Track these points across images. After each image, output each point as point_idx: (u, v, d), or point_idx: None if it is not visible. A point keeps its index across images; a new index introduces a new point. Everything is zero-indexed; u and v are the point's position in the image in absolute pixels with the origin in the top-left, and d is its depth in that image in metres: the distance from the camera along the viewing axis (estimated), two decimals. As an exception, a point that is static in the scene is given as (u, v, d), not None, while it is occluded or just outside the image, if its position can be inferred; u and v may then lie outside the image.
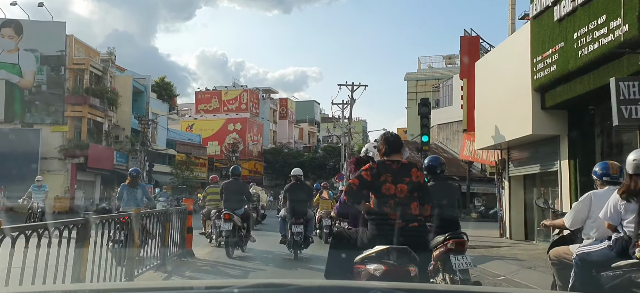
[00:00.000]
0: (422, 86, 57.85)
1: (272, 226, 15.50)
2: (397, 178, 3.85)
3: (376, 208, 3.85)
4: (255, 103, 60.75)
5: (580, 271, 4.21)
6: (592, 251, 4.18)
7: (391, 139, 4.13)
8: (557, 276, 4.70)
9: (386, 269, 3.54)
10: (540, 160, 11.83)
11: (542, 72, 9.92)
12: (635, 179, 3.87)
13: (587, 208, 4.41)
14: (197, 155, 43.97)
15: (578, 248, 4.32)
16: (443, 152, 38.34)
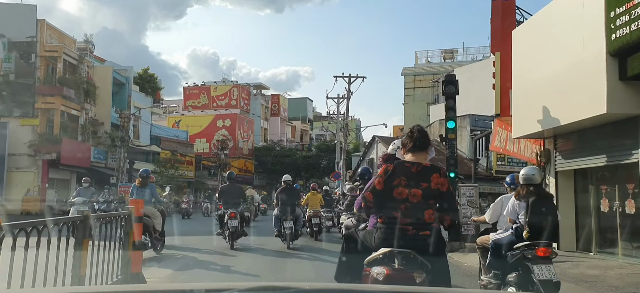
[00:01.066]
0: (420, 81, 55.56)
1: (263, 225, 17.35)
2: (412, 182, 3.68)
3: (385, 211, 3.70)
4: (245, 99, 58.15)
5: (493, 252, 5.86)
6: (502, 237, 5.81)
7: (416, 136, 3.94)
8: (481, 256, 6.26)
9: (388, 273, 3.49)
10: (609, 150, 9.28)
11: (624, 29, 7.45)
12: (524, 187, 5.64)
13: (500, 208, 6.12)
14: (183, 153, 41.24)
15: (493, 236, 5.99)
16: (445, 149, 35.97)
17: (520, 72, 11.61)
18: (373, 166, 37.72)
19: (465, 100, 42.52)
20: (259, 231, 16.03)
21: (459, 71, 46.82)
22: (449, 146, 12.51)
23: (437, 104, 47.27)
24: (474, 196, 13.67)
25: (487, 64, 44.11)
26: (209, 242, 12.03)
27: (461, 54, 56.67)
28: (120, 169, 30.76)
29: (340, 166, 35.18)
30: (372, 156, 35.74)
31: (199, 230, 17.25)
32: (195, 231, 16.77)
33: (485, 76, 42.39)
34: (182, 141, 43.16)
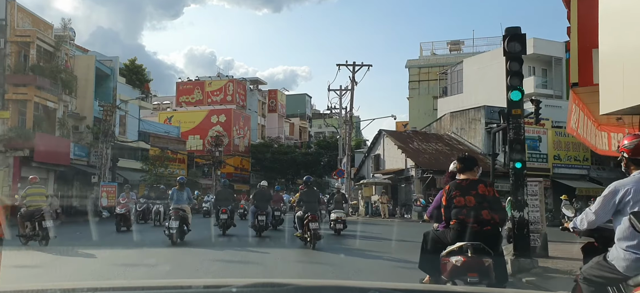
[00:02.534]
0: (425, 73, 52.75)
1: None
2: (464, 192, 4.96)
3: (453, 216, 4.94)
4: (242, 95, 55.39)
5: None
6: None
7: (465, 160, 5.32)
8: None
9: (465, 260, 4.62)
10: None
11: None
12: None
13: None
14: (174, 150, 38.39)
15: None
16: (458, 143, 33.27)
17: (614, 24, 8.72)
18: (379, 162, 35.10)
19: (477, 91, 39.84)
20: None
21: (469, 61, 44.12)
22: (515, 125, 9.60)
23: (444, 97, 44.57)
24: (538, 194, 10.83)
25: (498, 54, 41.17)
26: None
27: (468, 46, 53.90)
28: (102, 167, 27.91)
29: (343, 162, 32.40)
30: (379, 152, 32.94)
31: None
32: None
33: (497, 66, 39.55)
34: (173, 138, 40.33)
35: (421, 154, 30.15)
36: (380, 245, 14.16)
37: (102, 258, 10.49)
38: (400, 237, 15.49)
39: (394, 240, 14.69)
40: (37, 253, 10.97)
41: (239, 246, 12.69)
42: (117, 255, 11.37)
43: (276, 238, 15.19)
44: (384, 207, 28.38)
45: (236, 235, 15.21)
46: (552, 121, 31.18)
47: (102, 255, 10.94)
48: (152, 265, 9.98)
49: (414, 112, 51.00)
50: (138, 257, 11.36)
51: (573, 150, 31.44)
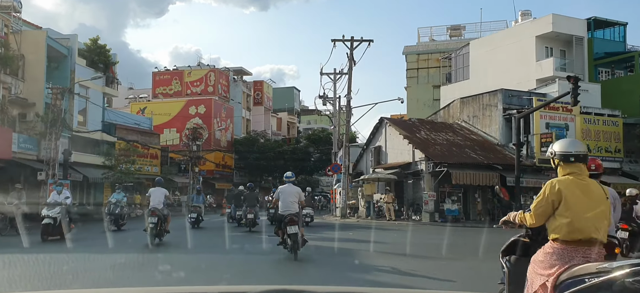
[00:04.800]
0: (424, 60, 48.51)
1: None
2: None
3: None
4: (224, 86, 50.66)
5: None
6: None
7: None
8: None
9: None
10: None
11: None
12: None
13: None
14: (146, 144, 33.60)
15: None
16: (470, 133, 28.99)
17: None
18: (381, 155, 30.63)
19: (486, 76, 35.53)
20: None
21: (476, 44, 39.77)
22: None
23: (448, 85, 40.32)
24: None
25: (512, 33, 36.96)
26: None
27: (470, 31, 49.74)
28: (50, 162, 23.13)
29: (339, 156, 27.91)
30: (380, 144, 28.47)
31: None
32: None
33: (511, 47, 35.41)
34: (144, 130, 35.52)
35: (431, 145, 25.78)
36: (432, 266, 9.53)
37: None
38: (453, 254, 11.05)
39: (443, 259, 10.25)
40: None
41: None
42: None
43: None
44: (389, 207, 23.97)
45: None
46: (580, 107, 26.97)
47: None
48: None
49: (412, 103, 46.71)
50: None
51: (604, 140, 27.34)
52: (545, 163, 26.18)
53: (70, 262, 9.93)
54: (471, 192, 25.64)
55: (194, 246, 12.80)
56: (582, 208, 3.55)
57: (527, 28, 33.34)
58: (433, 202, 23.90)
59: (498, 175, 24.36)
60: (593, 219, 3.53)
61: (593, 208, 3.56)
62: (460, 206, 24.52)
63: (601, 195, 3.69)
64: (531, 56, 32.94)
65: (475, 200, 25.49)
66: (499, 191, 19.77)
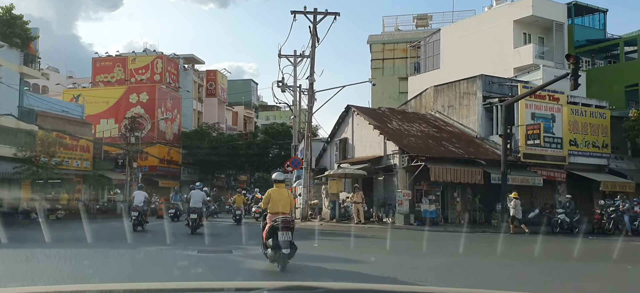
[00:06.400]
0: (390, 50, 45.45)
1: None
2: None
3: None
4: (173, 74, 46.01)
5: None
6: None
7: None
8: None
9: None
10: None
11: None
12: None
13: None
14: (74, 134, 28.86)
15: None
16: (446, 124, 25.90)
17: None
18: (347, 149, 27.14)
19: (457, 65, 32.48)
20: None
21: (447, 30, 36.74)
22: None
23: (417, 75, 37.35)
24: None
25: (487, 18, 33.81)
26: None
27: (436, 22, 47.02)
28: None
29: (301, 149, 24.21)
30: (346, 135, 24.95)
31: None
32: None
33: (486, 33, 32.48)
34: (75, 119, 30.68)
35: (405, 136, 22.47)
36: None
37: None
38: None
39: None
40: None
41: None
42: None
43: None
44: (358, 208, 20.47)
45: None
46: (568, 96, 24.33)
47: None
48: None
49: (378, 95, 43.54)
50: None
51: (591, 133, 24.77)
52: (531, 158, 23.40)
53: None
54: (450, 191, 22.50)
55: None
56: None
57: (505, 12, 30.66)
58: (408, 202, 20.56)
59: (481, 171, 21.27)
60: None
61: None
62: (439, 206, 21.30)
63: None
64: (508, 43, 30.29)
65: (455, 199, 22.35)
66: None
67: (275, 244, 8.09)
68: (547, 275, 8.44)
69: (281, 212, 8.39)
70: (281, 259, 8.03)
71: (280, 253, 8.00)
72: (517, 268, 9.68)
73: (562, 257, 11.81)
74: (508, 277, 8.34)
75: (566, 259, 11.35)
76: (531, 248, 13.06)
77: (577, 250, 12.21)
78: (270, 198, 8.65)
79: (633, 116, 25.14)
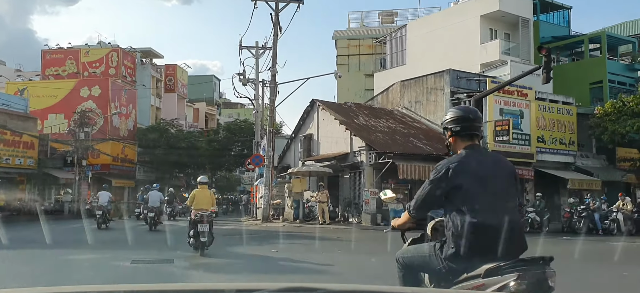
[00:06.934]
0: (355, 46, 44.62)
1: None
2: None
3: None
4: (130, 68, 43.78)
5: None
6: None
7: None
8: None
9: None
10: None
11: None
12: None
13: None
14: (16, 130, 26.65)
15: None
16: (413, 121, 25.16)
17: None
18: (312, 145, 25.98)
19: (424, 61, 31.71)
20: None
21: (413, 25, 36.05)
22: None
23: (383, 71, 36.60)
24: None
25: (453, 13, 33.26)
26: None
27: (402, 19, 46.48)
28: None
29: (263, 145, 22.93)
30: (311, 132, 23.81)
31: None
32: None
33: (453, 28, 31.93)
34: (17, 114, 28.38)
35: (372, 132, 21.53)
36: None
37: None
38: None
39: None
40: None
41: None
42: None
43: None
44: (323, 208, 19.36)
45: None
46: (535, 92, 23.94)
47: None
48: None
49: (343, 92, 42.66)
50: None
51: (559, 130, 24.48)
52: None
53: None
54: (416, 188, 21.63)
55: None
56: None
57: (472, 7, 30.17)
58: (375, 201, 19.61)
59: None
60: None
61: None
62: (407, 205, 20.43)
63: None
64: (475, 39, 29.82)
65: (422, 197, 21.54)
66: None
67: (196, 234, 9.93)
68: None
69: (203, 208, 10.16)
70: (201, 246, 9.93)
71: (199, 241, 9.88)
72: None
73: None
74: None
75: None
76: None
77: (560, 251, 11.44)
78: (194, 197, 10.47)
79: (598, 113, 25.01)
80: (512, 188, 3.14)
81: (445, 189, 3.07)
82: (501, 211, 2.95)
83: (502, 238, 2.84)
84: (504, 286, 2.67)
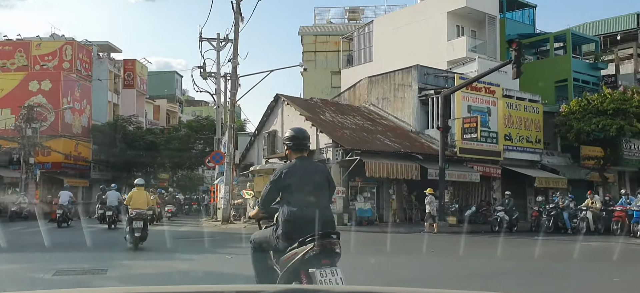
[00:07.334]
0: (322, 43, 43.82)
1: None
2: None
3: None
4: (86, 62, 41.59)
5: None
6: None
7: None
8: None
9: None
10: None
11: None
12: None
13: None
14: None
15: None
16: (381, 118, 24.49)
17: None
18: (276, 142, 24.92)
19: (391, 57, 31.17)
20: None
21: (380, 21, 35.41)
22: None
23: (350, 68, 35.92)
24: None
25: (421, 9, 32.61)
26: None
27: (369, 16, 45.91)
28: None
29: (224, 142, 21.80)
30: (275, 128, 22.84)
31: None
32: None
33: (420, 24, 31.44)
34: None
35: (339, 129, 20.72)
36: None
37: None
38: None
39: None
40: None
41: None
42: None
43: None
44: (287, 208, 18.38)
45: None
46: (503, 89, 23.67)
47: None
48: None
49: (310, 89, 41.71)
50: None
51: (526, 128, 24.30)
52: (467, 153, 22.45)
53: None
54: (385, 187, 21.03)
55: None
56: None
57: (438, 3, 29.77)
58: (342, 200, 18.82)
59: (418, 166, 19.97)
60: None
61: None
62: (374, 205, 19.75)
63: None
64: (442, 35, 29.45)
65: (390, 197, 20.91)
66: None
67: (131, 229, 11.01)
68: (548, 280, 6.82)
69: (139, 208, 11.21)
70: (135, 241, 10.99)
71: (134, 236, 10.94)
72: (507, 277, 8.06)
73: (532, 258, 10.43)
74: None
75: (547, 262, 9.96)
76: (486, 251, 11.67)
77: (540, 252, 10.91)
78: (132, 198, 11.58)
79: (564, 111, 24.99)
80: (325, 187, 4.28)
81: (279, 187, 4.15)
82: (315, 203, 4.08)
83: (315, 221, 3.86)
84: (307, 251, 3.79)
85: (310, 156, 4.75)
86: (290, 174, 4.16)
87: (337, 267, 3.88)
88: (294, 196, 4.06)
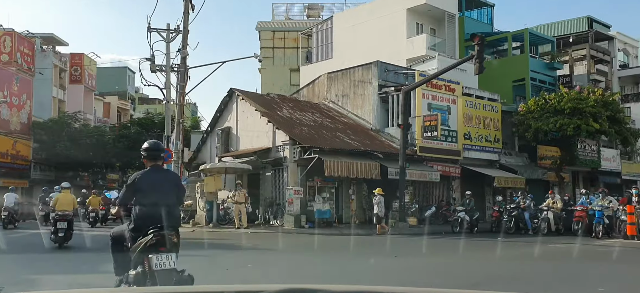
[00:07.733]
0: (280, 39, 42.74)
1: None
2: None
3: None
4: (27, 55, 38.83)
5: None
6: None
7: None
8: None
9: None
10: None
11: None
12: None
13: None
14: None
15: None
16: (340, 115, 23.70)
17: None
18: (230, 140, 23.68)
19: (350, 54, 30.26)
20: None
21: (339, 17, 34.56)
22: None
23: (309, 65, 35.00)
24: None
25: (380, 6, 32.01)
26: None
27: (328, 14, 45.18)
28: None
29: (172, 140, 20.43)
30: (230, 124, 21.65)
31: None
32: None
33: (379, 21, 30.83)
34: None
35: (297, 125, 19.79)
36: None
37: None
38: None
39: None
40: None
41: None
42: None
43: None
44: (240, 209, 17.31)
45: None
46: (462, 87, 23.35)
47: None
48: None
49: (268, 86, 40.52)
50: None
51: (484, 127, 24.08)
52: (427, 152, 21.97)
53: None
54: (345, 187, 20.24)
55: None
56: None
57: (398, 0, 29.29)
58: (299, 201, 17.87)
59: (378, 165, 19.26)
60: None
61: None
62: (333, 205, 18.91)
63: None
64: (402, 33, 28.97)
65: (350, 197, 20.13)
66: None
67: (55, 230, 11.64)
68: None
69: (64, 210, 11.84)
70: (60, 241, 11.66)
71: (58, 236, 11.61)
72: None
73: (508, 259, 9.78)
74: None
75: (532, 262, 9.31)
76: (450, 253, 10.98)
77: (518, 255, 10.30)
78: (57, 200, 12.16)
79: (522, 110, 24.96)
80: (172, 191, 5.23)
81: (133, 190, 5.13)
82: (162, 203, 4.91)
83: (163, 218, 4.81)
84: (148, 240, 4.73)
85: (162, 164, 5.81)
86: (143, 180, 5.11)
87: (172, 253, 4.78)
88: (145, 197, 4.98)
